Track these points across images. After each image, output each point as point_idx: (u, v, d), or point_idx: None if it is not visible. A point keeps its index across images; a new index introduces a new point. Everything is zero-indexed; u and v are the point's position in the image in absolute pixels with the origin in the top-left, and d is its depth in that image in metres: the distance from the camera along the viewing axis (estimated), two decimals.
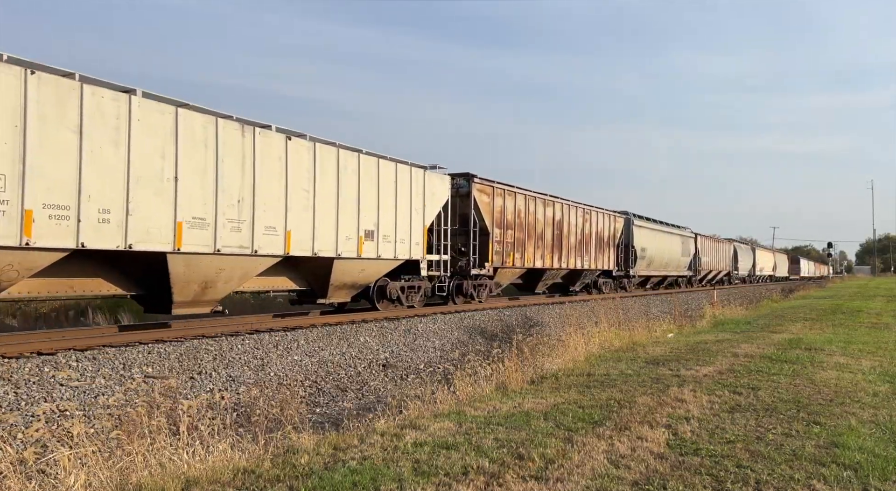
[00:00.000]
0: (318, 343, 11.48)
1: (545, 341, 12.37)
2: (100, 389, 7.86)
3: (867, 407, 6.80)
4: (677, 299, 25.30)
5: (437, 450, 5.21)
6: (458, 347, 13.43)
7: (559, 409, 6.65)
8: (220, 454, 5.34)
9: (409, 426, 6.05)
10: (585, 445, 5.31)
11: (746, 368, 9.12)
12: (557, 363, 9.81)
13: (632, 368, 9.20)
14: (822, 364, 9.55)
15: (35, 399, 7.23)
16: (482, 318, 16.48)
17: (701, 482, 4.51)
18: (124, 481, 4.80)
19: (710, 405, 6.83)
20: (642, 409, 6.62)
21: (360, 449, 5.33)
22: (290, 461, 5.04)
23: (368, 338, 12.53)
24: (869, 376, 8.59)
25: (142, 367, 8.75)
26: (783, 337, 13.30)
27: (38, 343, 9.17)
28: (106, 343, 9.40)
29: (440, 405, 7.16)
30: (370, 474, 4.60)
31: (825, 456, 5.09)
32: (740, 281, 53.81)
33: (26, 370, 7.84)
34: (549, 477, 4.58)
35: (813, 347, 11.38)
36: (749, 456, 5.09)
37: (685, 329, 16.31)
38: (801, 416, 6.38)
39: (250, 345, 10.51)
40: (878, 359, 10.23)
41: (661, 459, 5.03)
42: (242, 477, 4.70)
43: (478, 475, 4.59)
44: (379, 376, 10.88)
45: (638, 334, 13.72)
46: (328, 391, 9.72)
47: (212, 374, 9.15)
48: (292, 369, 10.13)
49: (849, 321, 17.43)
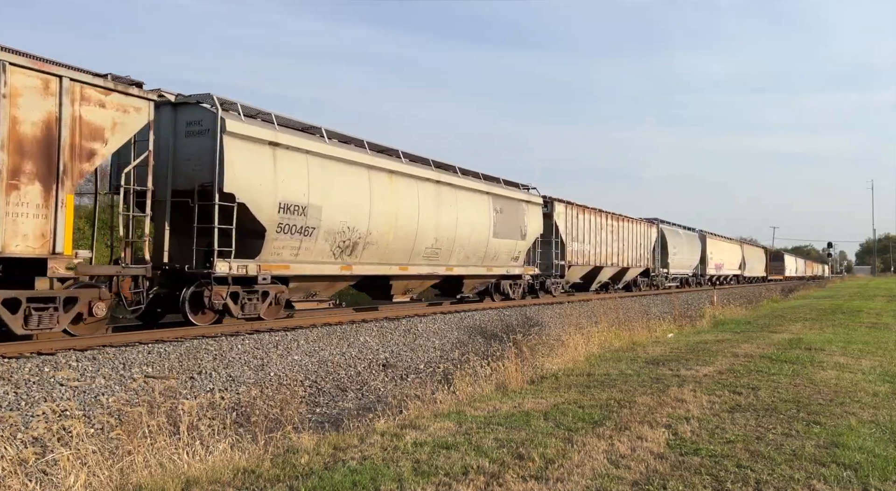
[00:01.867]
0: (318, 343, 11.48)
1: (545, 341, 12.37)
2: (100, 389, 7.86)
3: (867, 407, 6.80)
4: (677, 299, 25.31)
5: (437, 450, 5.21)
6: (458, 347, 13.43)
7: (559, 409, 6.65)
8: (220, 454, 5.34)
9: (409, 426, 6.05)
10: (585, 445, 5.31)
11: (746, 368, 9.12)
12: (557, 363, 9.81)
13: (632, 368, 9.20)
14: (822, 364, 9.55)
15: (35, 399, 7.23)
16: (482, 318, 16.48)
17: (701, 482, 4.51)
18: (124, 481, 4.80)
19: (710, 405, 6.83)
20: (642, 409, 6.62)
21: (360, 449, 5.33)
22: (290, 461, 5.04)
23: (368, 338, 12.53)
24: (869, 376, 8.59)
25: (142, 367, 8.75)
26: (783, 337, 13.31)
27: (38, 343, 9.16)
28: (106, 343, 9.40)
29: (440, 405, 7.16)
30: (370, 474, 4.60)
31: (825, 456, 5.09)
32: (677, 284, 37.27)
33: (26, 370, 7.84)
34: (549, 477, 4.58)
35: (813, 347, 11.38)
36: (749, 456, 5.09)
37: (685, 329, 16.31)
38: (801, 416, 6.38)
39: (250, 345, 10.51)
40: (878, 359, 10.23)
41: (661, 458, 5.03)
42: (242, 477, 4.71)
43: (478, 475, 4.60)
44: (379, 376, 10.88)
45: (638, 334, 13.72)
46: (328, 391, 9.72)
47: (212, 374, 9.15)
48: (292, 369, 10.13)
49: (849, 321, 17.43)
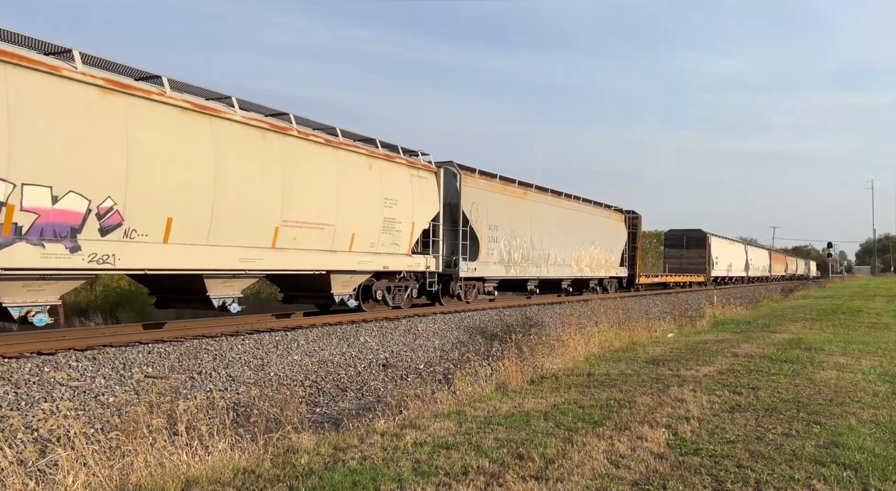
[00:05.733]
0: (318, 343, 11.48)
1: (545, 341, 12.37)
2: (100, 389, 7.86)
3: (867, 407, 6.79)
4: (677, 299, 25.31)
5: (437, 450, 5.21)
6: (458, 347, 13.43)
7: (559, 409, 6.65)
8: (219, 454, 5.34)
9: (409, 426, 6.05)
10: (585, 445, 5.30)
11: (746, 368, 9.12)
12: (557, 363, 9.80)
13: (632, 368, 9.19)
14: (822, 364, 9.55)
15: (35, 399, 7.23)
16: (482, 318, 16.48)
17: (701, 482, 4.51)
18: (124, 481, 4.80)
19: (710, 405, 6.83)
20: (642, 409, 6.62)
21: (360, 449, 5.33)
22: (290, 461, 5.04)
23: (368, 338, 12.52)
24: (869, 376, 8.59)
25: (142, 367, 8.75)
26: (783, 337, 13.30)
27: (38, 343, 9.17)
28: (106, 343, 9.40)
29: (440, 405, 7.16)
30: (370, 474, 4.60)
31: (825, 456, 5.09)
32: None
33: (26, 370, 7.84)
34: (549, 477, 4.58)
35: (813, 347, 11.38)
36: (749, 456, 5.09)
37: (685, 329, 16.31)
38: (801, 416, 6.38)
39: (250, 345, 10.51)
40: (878, 359, 10.22)
41: (661, 459, 5.03)
42: (242, 477, 4.70)
43: (478, 475, 4.60)
44: (379, 376, 10.88)
45: (638, 334, 13.71)
46: (328, 391, 9.72)
47: (212, 373, 9.15)
48: (292, 369, 10.13)
49: (849, 321, 17.42)
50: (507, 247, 19.36)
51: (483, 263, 17.94)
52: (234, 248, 10.54)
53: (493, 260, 18.55)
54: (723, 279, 46.51)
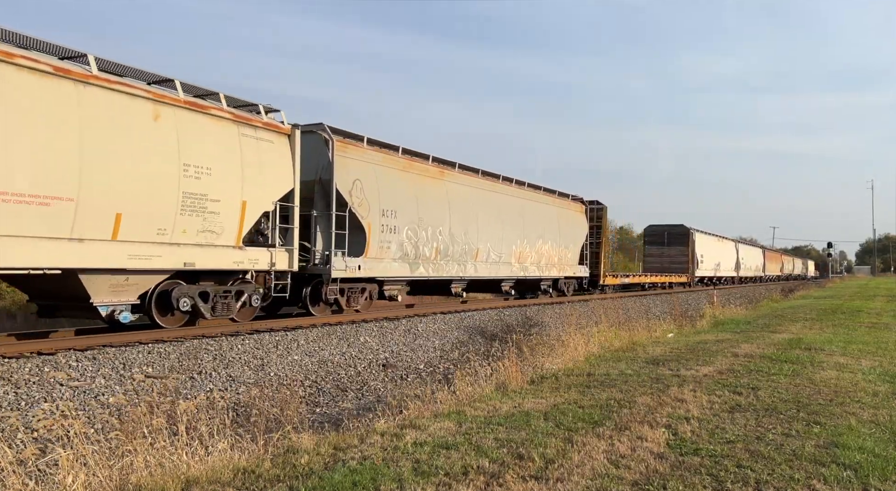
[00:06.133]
0: (318, 343, 11.48)
1: (545, 341, 12.37)
2: (100, 389, 7.86)
3: (867, 407, 6.80)
4: (677, 299, 25.32)
5: (437, 450, 5.21)
6: (458, 347, 13.44)
7: (559, 409, 6.65)
8: (219, 454, 5.34)
9: (409, 426, 6.05)
10: (585, 445, 5.31)
11: (746, 368, 9.12)
12: (557, 363, 9.81)
13: (632, 368, 9.20)
14: (821, 364, 9.55)
15: (35, 399, 7.23)
16: (482, 318, 16.49)
17: (701, 482, 4.51)
18: (124, 481, 4.80)
19: (710, 405, 6.83)
20: (642, 409, 6.62)
21: (360, 449, 5.33)
22: (290, 461, 5.04)
23: (368, 338, 12.53)
24: (869, 376, 8.59)
25: (142, 367, 8.75)
26: (783, 337, 13.30)
27: (38, 343, 9.17)
28: (106, 343, 9.40)
29: (440, 405, 7.16)
30: (370, 474, 4.61)
31: (825, 456, 5.09)
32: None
33: (26, 370, 7.84)
34: (549, 477, 4.58)
35: (813, 347, 11.38)
36: (749, 456, 5.09)
37: (685, 329, 16.32)
38: (801, 416, 6.38)
39: (250, 345, 10.51)
40: (878, 359, 10.23)
41: (661, 459, 5.03)
42: (242, 477, 4.71)
43: (478, 475, 4.60)
44: (379, 376, 10.88)
45: (638, 334, 13.72)
46: (328, 391, 9.72)
47: (212, 374, 9.15)
48: (292, 369, 10.13)
49: (849, 321, 17.43)
50: (413, 239, 15.33)
51: (374, 259, 14.09)
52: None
53: (390, 256, 14.58)
54: (709, 280, 42.46)
